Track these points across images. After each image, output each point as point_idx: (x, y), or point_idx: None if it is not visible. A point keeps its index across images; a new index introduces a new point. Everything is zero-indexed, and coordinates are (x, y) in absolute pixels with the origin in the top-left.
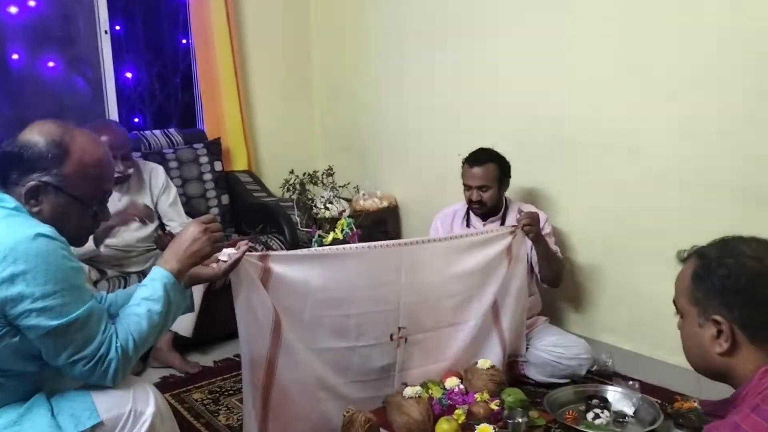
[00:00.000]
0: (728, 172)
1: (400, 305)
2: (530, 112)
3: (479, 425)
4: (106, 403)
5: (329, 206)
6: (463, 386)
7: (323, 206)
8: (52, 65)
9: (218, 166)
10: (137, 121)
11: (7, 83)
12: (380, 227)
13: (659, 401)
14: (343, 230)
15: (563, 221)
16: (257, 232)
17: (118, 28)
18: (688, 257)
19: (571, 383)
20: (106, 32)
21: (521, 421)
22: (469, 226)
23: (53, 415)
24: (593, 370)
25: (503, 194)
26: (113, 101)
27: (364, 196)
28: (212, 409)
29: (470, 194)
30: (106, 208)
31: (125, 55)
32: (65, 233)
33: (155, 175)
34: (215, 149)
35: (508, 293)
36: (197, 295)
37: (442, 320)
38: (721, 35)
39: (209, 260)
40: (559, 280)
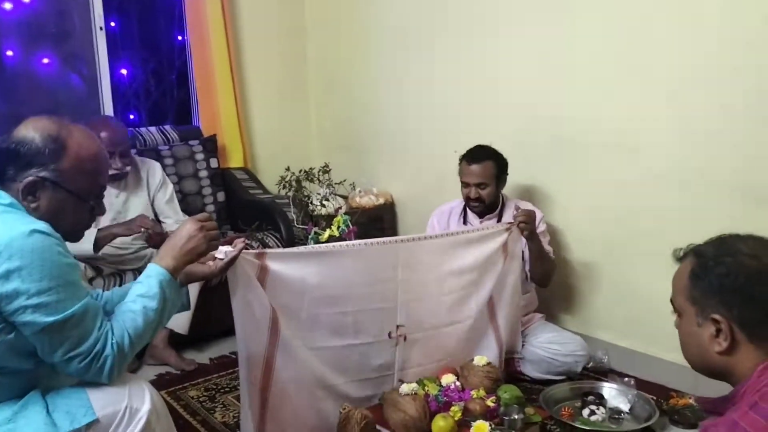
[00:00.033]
0: (728, 172)
1: (397, 303)
2: (530, 111)
3: (475, 422)
4: (101, 400)
5: (325, 203)
6: (459, 383)
7: (319, 203)
8: (46, 62)
9: (214, 162)
10: (132, 117)
11: (1, 80)
12: (376, 224)
13: (655, 398)
14: (339, 227)
15: (563, 221)
16: (253, 229)
17: (113, 24)
18: (684, 256)
19: (567, 380)
20: (101, 28)
21: (517, 417)
22: (465, 223)
23: (48, 412)
24: (589, 366)
25: (501, 191)
26: (108, 98)
27: (360, 193)
28: (208, 406)
29: (468, 191)
30: (102, 202)
31: (120, 51)
32: (62, 228)
33: (152, 172)
34: (211, 146)
35: (503, 290)
36: (193, 292)
37: (440, 319)
38: (721, 35)
39: (205, 258)
40: (548, 279)
